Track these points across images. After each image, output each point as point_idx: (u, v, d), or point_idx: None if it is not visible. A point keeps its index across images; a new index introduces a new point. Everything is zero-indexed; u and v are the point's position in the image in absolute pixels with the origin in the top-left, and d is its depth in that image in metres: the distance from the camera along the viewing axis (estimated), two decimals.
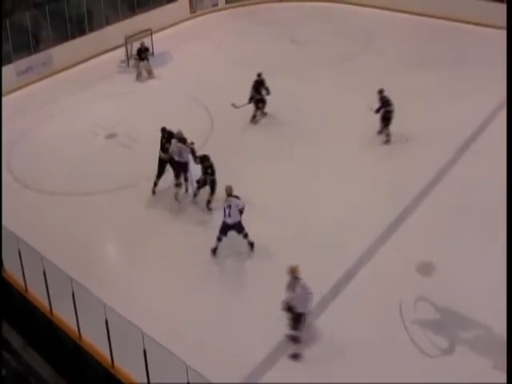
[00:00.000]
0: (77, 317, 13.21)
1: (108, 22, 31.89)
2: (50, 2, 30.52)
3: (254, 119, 23.27)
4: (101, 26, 31.55)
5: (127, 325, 11.76)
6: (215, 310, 14.64)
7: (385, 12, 33.53)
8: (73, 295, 12.98)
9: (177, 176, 18.93)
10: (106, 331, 12.20)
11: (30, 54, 28.78)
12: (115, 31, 30.28)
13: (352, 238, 16.54)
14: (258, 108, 23.20)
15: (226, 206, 15.86)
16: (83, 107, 25.13)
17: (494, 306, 13.30)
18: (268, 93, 22.95)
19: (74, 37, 30.46)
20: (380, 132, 21.14)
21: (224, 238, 16.19)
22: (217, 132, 22.57)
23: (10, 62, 27.68)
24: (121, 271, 16.50)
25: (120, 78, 27.91)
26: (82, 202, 19.26)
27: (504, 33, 20.99)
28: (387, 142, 21.03)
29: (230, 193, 15.98)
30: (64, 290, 13.14)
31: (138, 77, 27.96)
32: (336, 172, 19.66)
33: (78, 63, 29.87)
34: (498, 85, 21.86)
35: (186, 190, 19.22)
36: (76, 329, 13.39)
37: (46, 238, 16.89)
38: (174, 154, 18.68)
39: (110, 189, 19.69)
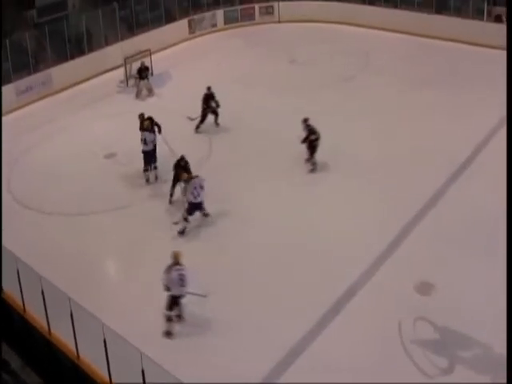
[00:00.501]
0: (75, 337, 13.16)
1: (107, 43, 32.09)
2: (50, 22, 30.73)
3: (197, 129, 24.50)
4: (100, 47, 31.74)
5: (125, 345, 11.72)
6: (215, 327, 14.62)
7: (382, 32, 33.64)
8: (71, 315, 12.94)
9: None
10: (104, 351, 12.16)
11: (29, 73, 28.96)
12: (114, 51, 30.41)
13: (351, 257, 16.54)
14: (203, 119, 24.46)
15: (194, 187, 17.77)
16: (82, 127, 25.17)
17: (494, 325, 13.29)
18: (218, 105, 24.31)
19: (73, 57, 30.64)
20: (307, 160, 20.95)
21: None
22: (215, 151, 22.62)
23: (9, 81, 27.82)
24: (119, 291, 16.46)
25: (119, 98, 27.99)
26: (81, 222, 19.27)
27: (502, 53, 21.07)
28: (313, 170, 20.89)
29: (190, 177, 18.44)
30: (62, 309, 13.10)
31: (138, 95, 28.07)
32: (335, 192, 19.67)
33: (78, 83, 29.96)
34: (496, 104, 22.00)
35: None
36: (74, 349, 13.33)
37: (45, 258, 16.84)
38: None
39: (109, 208, 19.70)
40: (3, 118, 25.87)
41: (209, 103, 24.39)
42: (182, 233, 17.95)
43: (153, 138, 21.22)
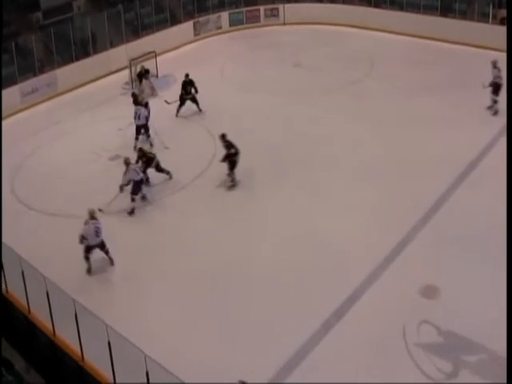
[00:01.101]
0: (79, 338, 13.17)
1: (112, 45, 32.16)
2: (55, 24, 30.80)
3: (177, 113, 26.12)
4: (105, 49, 31.80)
5: (130, 346, 11.72)
6: (218, 330, 14.64)
7: (388, 35, 33.60)
8: (76, 316, 12.95)
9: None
10: (108, 353, 12.16)
11: (34, 75, 29.04)
12: (119, 53, 30.45)
13: (355, 260, 16.56)
14: (181, 104, 26.09)
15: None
16: (87, 129, 25.22)
17: (498, 330, 13.23)
18: (196, 91, 25.93)
19: (78, 59, 30.75)
20: (228, 175, 20.85)
21: None
22: (220, 154, 22.58)
23: (15, 83, 27.94)
24: (124, 293, 16.49)
25: (124, 100, 27.91)
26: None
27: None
28: (232, 186, 20.74)
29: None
30: (67, 311, 13.12)
31: (140, 95, 28.09)
32: (338, 197, 19.66)
33: (83, 85, 30.06)
34: (501, 109, 22.01)
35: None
36: (79, 350, 13.35)
37: (49, 260, 16.87)
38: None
39: (114, 211, 19.69)
40: (8, 120, 26.01)
41: (187, 89, 25.97)
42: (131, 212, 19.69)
43: (146, 114, 23.55)
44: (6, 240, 15.44)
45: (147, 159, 20.66)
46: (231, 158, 20.56)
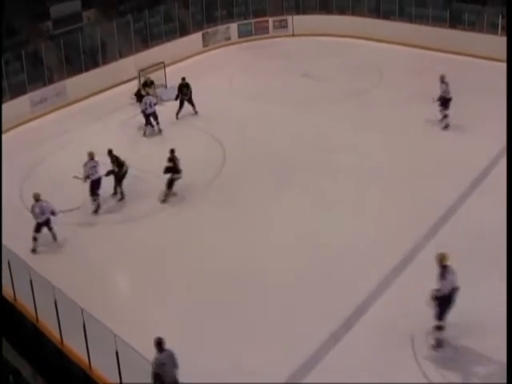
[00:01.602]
0: (87, 347, 13.16)
1: (121, 55, 32.27)
2: (65, 34, 30.95)
3: (177, 116, 27.14)
4: (114, 59, 31.93)
5: (137, 356, 11.70)
6: (225, 338, 14.61)
7: (396, 46, 33.59)
8: (84, 326, 12.95)
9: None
10: (116, 362, 12.15)
11: (44, 84, 29.15)
12: (128, 64, 30.54)
13: (364, 272, 16.48)
14: (180, 107, 27.10)
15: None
16: (95, 138, 25.25)
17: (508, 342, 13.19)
18: (190, 93, 27.06)
19: (87, 69, 30.86)
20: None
21: None
22: (229, 164, 22.65)
23: (24, 92, 28.07)
24: (131, 302, 16.50)
25: (133, 110, 27.99)
26: (93, 232, 19.33)
27: None
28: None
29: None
30: (75, 320, 13.11)
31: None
32: (347, 207, 19.64)
33: (92, 95, 30.13)
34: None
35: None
36: (86, 359, 13.33)
37: (57, 268, 16.89)
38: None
39: (121, 219, 19.73)
40: (18, 129, 26.15)
41: (183, 91, 26.99)
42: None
43: (155, 101, 25.99)
44: (14, 248, 15.45)
45: (118, 165, 20.90)
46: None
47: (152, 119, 25.73)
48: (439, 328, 14.03)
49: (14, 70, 28.44)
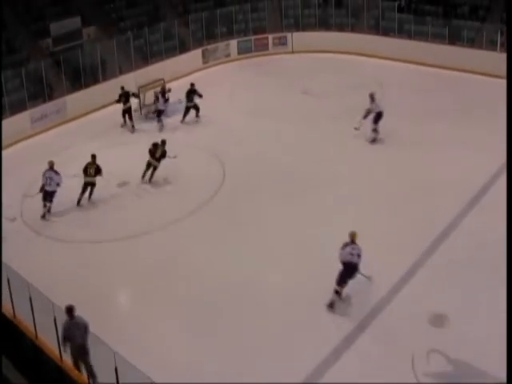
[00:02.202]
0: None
1: (121, 72, 32.29)
2: (65, 51, 31.05)
3: (183, 120, 28.33)
4: (114, 76, 31.93)
5: (137, 373, 11.65)
6: (225, 354, 14.58)
7: (396, 63, 33.70)
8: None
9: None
10: (115, 379, 12.08)
11: (44, 101, 29.20)
12: (128, 81, 30.53)
13: (364, 289, 16.40)
14: (187, 113, 28.16)
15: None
16: (96, 155, 25.26)
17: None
18: (200, 96, 28.09)
19: (87, 85, 30.94)
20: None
21: None
22: (228, 179, 22.66)
23: (24, 109, 28.15)
24: (131, 319, 16.44)
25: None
26: (93, 250, 19.31)
27: None
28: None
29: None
30: None
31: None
32: (347, 221, 19.52)
33: (92, 111, 30.16)
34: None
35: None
36: (85, 376, 13.27)
37: (57, 285, 16.84)
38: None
39: (122, 237, 19.71)
40: (18, 145, 26.20)
41: (189, 98, 28.02)
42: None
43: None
44: (14, 265, 15.40)
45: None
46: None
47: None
48: (336, 292, 15.91)
49: (14, 87, 28.49)
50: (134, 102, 28.92)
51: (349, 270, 15.73)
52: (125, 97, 28.31)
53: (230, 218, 20.40)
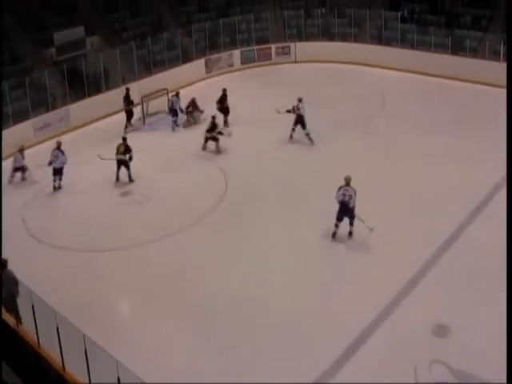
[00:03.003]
0: (89, 373, 13.05)
1: (124, 81, 32.34)
2: (68, 60, 31.12)
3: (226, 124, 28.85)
4: (117, 85, 31.99)
5: (140, 382, 11.65)
6: (227, 365, 14.54)
7: (399, 73, 33.78)
8: (85, 352, 12.87)
9: None
10: None
11: (47, 110, 29.30)
12: (131, 90, 30.57)
13: (366, 299, 16.42)
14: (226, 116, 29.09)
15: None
16: (98, 164, 25.26)
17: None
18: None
19: (90, 95, 30.98)
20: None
21: None
22: (231, 191, 22.65)
23: (27, 118, 28.21)
24: (133, 328, 16.44)
25: (135, 136, 28.05)
26: (96, 258, 19.31)
27: None
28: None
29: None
30: (77, 346, 13.04)
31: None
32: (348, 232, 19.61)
33: (95, 121, 30.23)
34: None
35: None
36: None
37: (59, 294, 16.83)
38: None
39: (124, 246, 19.71)
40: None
41: (224, 102, 29.05)
42: None
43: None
44: (16, 273, 15.40)
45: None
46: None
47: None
48: (336, 226, 19.09)
49: (17, 96, 28.54)
50: (136, 111, 29.10)
51: (342, 209, 18.76)
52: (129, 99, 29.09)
53: (233, 227, 20.41)
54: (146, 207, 22.06)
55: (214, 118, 26.32)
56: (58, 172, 23.62)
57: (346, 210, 18.88)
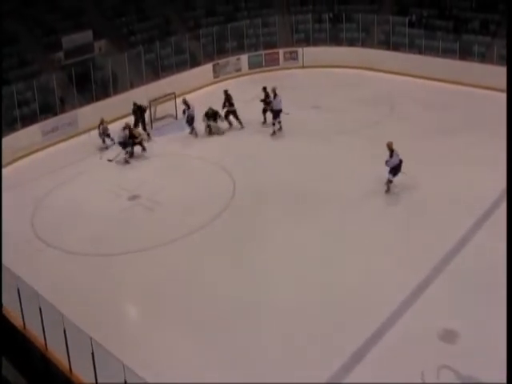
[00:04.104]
0: (96, 376, 13.07)
1: (132, 86, 32.45)
2: (76, 64, 31.17)
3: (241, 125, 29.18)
4: (125, 89, 32.08)
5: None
6: (236, 368, 14.51)
7: (407, 78, 33.71)
8: (92, 355, 12.88)
9: None
10: None
11: (55, 114, 29.36)
12: (139, 94, 30.62)
13: (374, 305, 16.38)
14: (236, 118, 29.06)
15: None
16: (106, 168, 25.37)
17: None
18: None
19: (98, 99, 31.02)
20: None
21: None
22: (238, 195, 22.63)
23: (35, 122, 28.28)
24: (140, 332, 16.44)
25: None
26: (103, 263, 19.32)
27: None
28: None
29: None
30: (84, 349, 13.05)
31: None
32: (357, 239, 19.55)
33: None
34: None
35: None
36: None
37: (67, 297, 16.86)
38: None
39: (131, 250, 19.71)
40: (29, 158, 26.30)
41: (231, 102, 29.19)
42: None
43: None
44: (24, 276, 15.42)
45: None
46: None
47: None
48: (390, 181, 21.78)
49: (25, 100, 28.62)
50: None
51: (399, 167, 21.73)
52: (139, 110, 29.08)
53: (240, 233, 20.37)
54: (154, 212, 22.04)
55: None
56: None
57: (398, 168, 21.79)
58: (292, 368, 14.41)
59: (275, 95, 27.58)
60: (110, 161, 25.87)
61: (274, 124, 27.86)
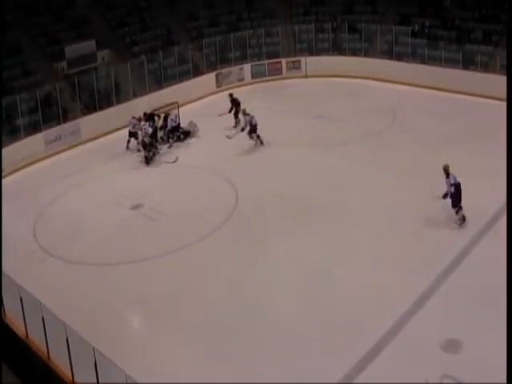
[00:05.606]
0: None
1: (135, 95, 32.48)
2: (79, 73, 31.25)
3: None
4: (128, 99, 32.13)
5: None
6: (239, 379, 14.43)
7: (409, 88, 33.73)
8: (95, 364, 12.85)
9: None
10: None
11: (58, 123, 29.37)
12: (142, 104, 30.67)
13: (377, 314, 16.36)
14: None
15: None
16: (109, 177, 25.39)
17: None
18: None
19: (101, 108, 31.09)
20: None
21: None
22: (241, 206, 22.61)
23: (39, 131, 28.30)
24: (143, 342, 16.40)
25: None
26: (106, 272, 19.31)
27: None
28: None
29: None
30: (86, 358, 13.03)
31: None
32: (361, 249, 19.52)
33: (105, 134, 30.24)
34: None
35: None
36: None
37: (69, 306, 16.86)
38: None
39: (134, 260, 19.70)
40: (32, 167, 26.32)
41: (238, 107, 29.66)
42: None
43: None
44: (27, 286, 15.43)
45: None
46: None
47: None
48: (460, 208, 20.21)
49: (28, 109, 28.67)
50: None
51: (458, 191, 20.10)
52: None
53: (243, 243, 20.34)
54: (156, 222, 22.03)
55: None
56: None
57: (459, 191, 20.24)
58: (292, 378, 14.37)
59: (245, 114, 28.08)
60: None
61: (257, 137, 27.90)
